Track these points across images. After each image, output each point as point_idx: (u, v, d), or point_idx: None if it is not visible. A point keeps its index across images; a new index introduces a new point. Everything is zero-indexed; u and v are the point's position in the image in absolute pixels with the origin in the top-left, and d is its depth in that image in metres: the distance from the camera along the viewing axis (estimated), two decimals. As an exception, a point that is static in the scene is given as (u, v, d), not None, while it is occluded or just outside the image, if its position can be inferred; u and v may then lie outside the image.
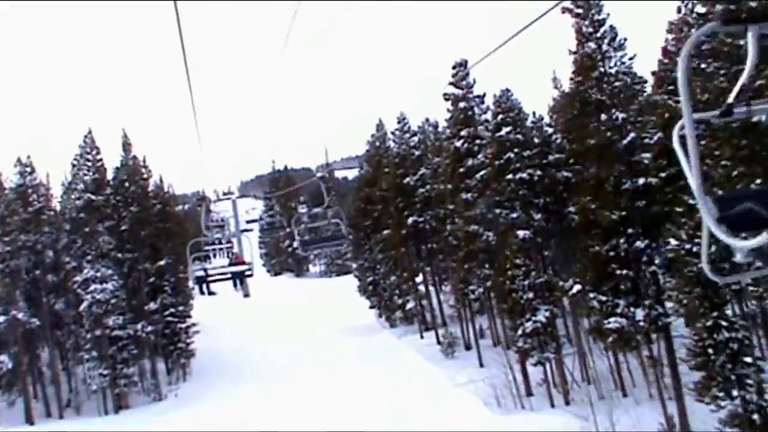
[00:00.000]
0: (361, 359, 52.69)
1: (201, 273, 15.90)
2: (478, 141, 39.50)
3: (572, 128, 31.08)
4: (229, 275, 16.16)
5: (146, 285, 51.02)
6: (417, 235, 53.85)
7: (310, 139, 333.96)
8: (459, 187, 40.01)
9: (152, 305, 49.60)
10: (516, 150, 36.26)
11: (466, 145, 39.66)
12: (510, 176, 35.86)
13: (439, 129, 57.18)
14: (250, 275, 16.36)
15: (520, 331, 33.78)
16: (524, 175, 35.82)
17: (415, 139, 58.47)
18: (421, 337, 55.96)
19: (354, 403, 39.32)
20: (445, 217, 47.99)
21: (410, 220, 52.75)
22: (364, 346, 57.64)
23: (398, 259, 56.78)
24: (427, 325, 57.48)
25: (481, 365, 44.82)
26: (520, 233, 34.70)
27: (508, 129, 36.40)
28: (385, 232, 58.83)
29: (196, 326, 59.14)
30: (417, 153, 54.55)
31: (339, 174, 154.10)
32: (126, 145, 52.82)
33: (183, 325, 54.42)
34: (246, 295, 19.27)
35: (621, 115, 28.10)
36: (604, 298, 26.58)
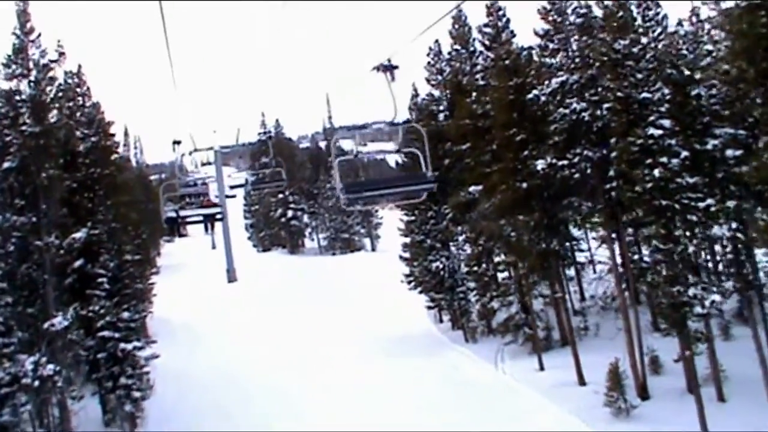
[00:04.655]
0: (437, 408, 29.53)
1: (173, 214, 15.08)
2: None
3: None
4: (200, 217, 15.74)
5: (55, 275, 26.96)
6: (546, 192, 30.51)
7: (309, 104, 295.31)
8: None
9: (60, 320, 25.20)
10: None
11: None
12: None
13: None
14: (221, 219, 15.81)
15: None
16: None
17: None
18: (541, 368, 32.86)
19: None
20: (639, 153, 24.58)
21: (539, 164, 29.34)
22: (430, 375, 34.52)
23: (497, 234, 33.49)
24: (538, 346, 34.52)
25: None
26: None
27: None
28: (472, 188, 35.49)
29: (156, 341, 35.90)
30: (552, 45, 30.57)
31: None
32: (23, 15, 27.76)
33: (129, 346, 30.57)
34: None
35: None
36: None
